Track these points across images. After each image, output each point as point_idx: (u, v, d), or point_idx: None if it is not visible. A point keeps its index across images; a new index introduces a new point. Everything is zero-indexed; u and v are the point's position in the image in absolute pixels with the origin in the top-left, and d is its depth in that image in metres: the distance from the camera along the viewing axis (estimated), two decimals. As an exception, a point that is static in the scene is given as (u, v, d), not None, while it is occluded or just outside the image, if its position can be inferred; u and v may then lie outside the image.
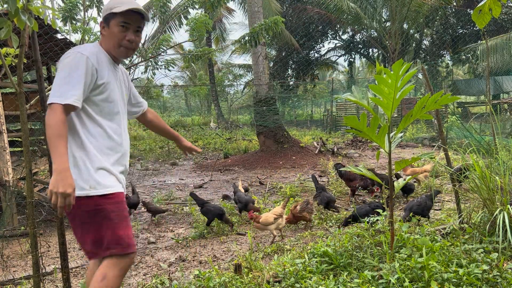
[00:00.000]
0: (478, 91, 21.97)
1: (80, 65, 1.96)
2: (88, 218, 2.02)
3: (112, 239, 2.01)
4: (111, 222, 2.02)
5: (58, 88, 1.91)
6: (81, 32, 9.63)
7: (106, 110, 2.11)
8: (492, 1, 2.49)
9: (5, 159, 4.93)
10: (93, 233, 2.02)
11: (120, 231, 2.04)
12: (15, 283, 3.55)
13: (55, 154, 1.82)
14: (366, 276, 2.61)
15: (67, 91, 1.90)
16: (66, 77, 1.93)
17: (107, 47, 2.16)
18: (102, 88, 2.07)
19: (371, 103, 2.95)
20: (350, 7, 17.14)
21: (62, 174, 1.81)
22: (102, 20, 2.16)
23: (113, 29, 2.12)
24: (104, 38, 2.17)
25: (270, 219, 4.26)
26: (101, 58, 2.09)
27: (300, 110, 28.74)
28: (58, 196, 1.79)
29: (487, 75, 6.06)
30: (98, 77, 2.04)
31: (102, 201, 2.02)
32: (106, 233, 2.01)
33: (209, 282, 2.92)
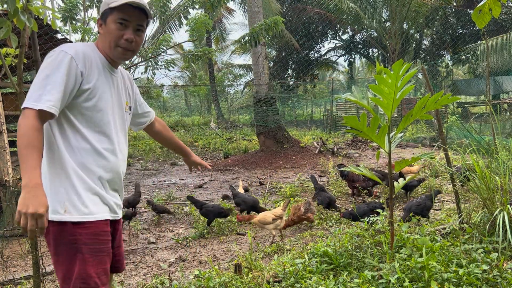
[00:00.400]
0: (478, 91, 21.97)
1: (61, 66, 1.66)
2: (59, 248, 1.72)
3: (79, 277, 1.71)
4: (83, 257, 1.72)
5: (34, 92, 1.63)
6: (81, 32, 9.63)
7: (94, 121, 1.78)
8: (492, 1, 2.49)
9: (5, 159, 4.93)
10: (63, 266, 1.73)
11: (91, 269, 1.73)
12: (15, 283, 3.55)
13: (25, 168, 1.52)
14: (366, 276, 2.62)
15: (42, 95, 1.61)
16: (44, 79, 1.64)
17: (103, 48, 1.85)
18: (89, 94, 1.76)
19: (371, 103, 2.95)
20: (350, 7, 17.14)
21: (32, 191, 1.50)
22: (100, 17, 1.87)
23: (110, 26, 1.81)
24: (100, 37, 1.87)
25: (268, 219, 4.27)
26: (91, 59, 1.79)
27: (300, 110, 28.75)
28: (28, 217, 1.48)
29: (487, 75, 6.06)
30: (84, 80, 1.73)
31: (77, 230, 1.71)
32: (75, 268, 1.71)
33: (209, 282, 2.92)
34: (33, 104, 1.60)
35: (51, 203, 1.68)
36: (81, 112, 1.76)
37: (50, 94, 1.63)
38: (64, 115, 1.75)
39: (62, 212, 1.70)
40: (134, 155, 12.88)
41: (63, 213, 1.70)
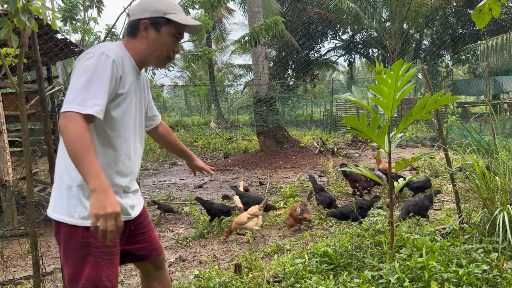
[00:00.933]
0: (478, 91, 21.97)
1: (105, 70, 1.63)
2: (70, 249, 1.73)
3: (89, 279, 1.71)
4: (94, 260, 1.72)
5: (77, 95, 1.57)
6: (81, 32, 9.63)
7: (120, 125, 1.77)
8: (492, 1, 2.49)
9: (5, 159, 4.94)
10: (71, 268, 1.74)
11: (102, 272, 1.73)
12: (15, 283, 3.55)
13: (87, 171, 1.50)
14: (366, 276, 2.62)
15: (87, 99, 1.56)
16: (87, 82, 1.59)
17: (145, 54, 1.83)
18: (121, 99, 1.75)
19: (371, 103, 2.95)
20: (350, 7, 17.15)
21: (105, 193, 1.49)
22: (148, 21, 1.79)
23: (164, 37, 1.81)
24: (144, 42, 1.82)
25: (243, 219, 4.33)
26: (126, 62, 1.76)
27: (300, 110, 28.75)
28: (107, 218, 1.48)
29: (487, 75, 6.06)
30: (120, 85, 1.73)
31: (89, 234, 1.69)
32: (85, 271, 1.71)
33: (209, 282, 2.92)
34: (78, 108, 1.55)
35: (66, 207, 1.70)
36: (109, 116, 1.73)
37: (97, 98, 1.59)
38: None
39: (76, 216, 1.70)
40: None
41: (77, 217, 1.70)
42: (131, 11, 1.86)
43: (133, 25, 1.83)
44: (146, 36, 1.81)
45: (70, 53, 7.24)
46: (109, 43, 1.78)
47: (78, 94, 1.57)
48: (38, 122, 8.14)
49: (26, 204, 2.64)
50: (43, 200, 5.33)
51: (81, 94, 1.57)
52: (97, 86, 1.60)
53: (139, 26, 1.80)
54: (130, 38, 1.85)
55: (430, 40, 24.46)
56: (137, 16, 1.82)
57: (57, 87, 7.94)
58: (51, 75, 7.75)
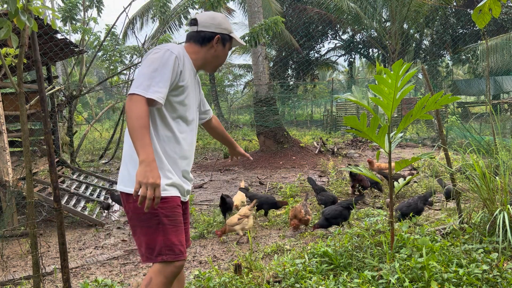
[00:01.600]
0: (478, 91, 21.97)
1: (169, 63, 1.91)
2: (142, 221, 1.96)
3: (165, 245, 1.93)
4: (164, 227, 1.94)
5: (143, 81, 1.85)
6: (81, 32, 9.64)
7: (179, 114, 2.04)
8: (492, 1, 2.49)
9: (5, 159, 4.93)
10: (147, 237, 1.96)
11: (173, 237, 1.96)
12: (15, 283, 3.55)
13: (141, 145, 1.77)
14: (366, 276, 2.62)
15: (152, 85, 1.85)
16: (153, 71, 1.88)
17: (208, 62, 2.15)
18: (182, 90, 2.02)
19: (371, 103, 2.95)
20: (350, 7, 17.14)
21: (150, 165, 1.75)
22: (219, 36, 2.11)
23: (226, 51, 2.17)
24: (211, 53, 2.13)
25: (234, 220, 4.31)
26: (186, 60, 2.04)
27: (300, 110, 28.73)
28: (148, 187, 1.72)
29: (487, 75, 6.06)
30: (181, 78, 1.99)
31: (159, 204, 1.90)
32: (158, 238, 1.93)
33: (209, 282, 2.92)
34: (143, 92, 1.83)
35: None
36: (171, 104, 2.01)
37: (159, 86, 1.87)
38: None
39: None
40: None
41: None
42: (203, 22, 2.12)
43: (205, 36, 2.11)
44: (215, 47, 2.13)
45: (70, 53, 7.24)
46: (174, 44, 2.07)
47: (144, 80, 1.86)
48: (38, 122, 8.15)
49: (26, 204, 2.64)
50: (43, 200, 5.33)
51: (146, 81, 1.85)
52: (160, 77, 1.88)
53: (213, 39, 2.11)
54: (195, 45, 2.13)
55: (430, 40, 24.46)
56: (210, 29, 2.11)
57: (57, 87, 7.94)
58: (51, 75, 7.75)
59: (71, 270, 3.83)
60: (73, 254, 4.35)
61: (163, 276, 1.94)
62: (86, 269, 3.88)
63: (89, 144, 14.93)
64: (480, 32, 19.36)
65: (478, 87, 21.38)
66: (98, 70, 34.91)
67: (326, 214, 4.31)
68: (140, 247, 2.00)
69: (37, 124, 8.98)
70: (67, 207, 5.44)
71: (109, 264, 4.01)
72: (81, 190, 6.77)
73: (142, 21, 20.19)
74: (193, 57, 2.11)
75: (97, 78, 34.49)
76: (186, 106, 2.07)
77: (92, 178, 7.96)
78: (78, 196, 6.31)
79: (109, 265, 3.97)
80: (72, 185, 6.96)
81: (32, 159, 5.06)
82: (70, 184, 7.05)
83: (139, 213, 1.95)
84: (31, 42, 2.56)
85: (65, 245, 2.67)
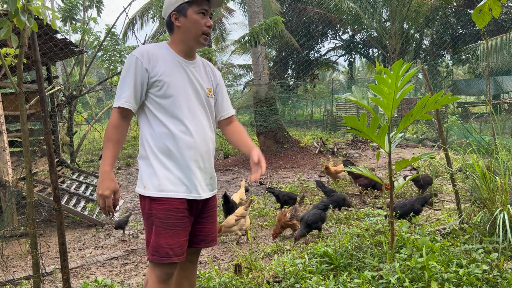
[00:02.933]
0: (478, 91, 21.96)
1: (130, 67, 1.98)
2: (144, 218, 2.07)
3: (152, 246, 1.98)
4: (156, 229, 1.98)
5: (117, 92, 2.01)
6: (81, 32, 9.64)
7: (168, 107, 2.00)
8: (492, 1, 2.49)
9: (5, 159, 4.93)
10: (146, 234, 2.07)
11: (161, 240, 1.96)
12: (15, 284, 3.55)
13: (102, 157, 1.96)
14: (366, 276, 2.62)
15: (120, 94, 1.98)
16: (121, 80, 2.00)
17: (184, 39, 2.05)
18: (158, 84, 1.99)
19: (371, 103, 2.95)
20: (350, 7, 17.13)
21: (102, 176, 1.92)
22: (174, 11, 2.03)
23: (192, 18, 2.01)
24: (179, 30, 2.05)
25: (231, 221, 4.27)
26: (156, 55, 2.01)
27: (300, 110, 28.71)
28: (99, 198, 1.92)
29: (487, 75, 6.05)
30: (151, 74, 1.98)
31: (153, 205, 1.98)
32: (151, 238, 2.00)
33: (209, 282, 2.92)
34: (115, 103, 1.98)
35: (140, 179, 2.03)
36: (155, 100, 2.02)
37: (124, 91, 1.97)
38: (145, 107, 2.03)
39: (143, 188, 2.01)
40: (134, 155, 12.87)
41: (143, 189, 2.00)
42: (163, 13, 2.12)
43: (167, 23, 2.10)
44: (178, 25, 2.05)
45: (70, 53, 7.24)
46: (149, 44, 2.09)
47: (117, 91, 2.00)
48: (38, 122, 8.14)
49: (26, 204, 2.64)
50: (43, 200, 5.33)
51: (118, 92, 2.00)
52: (125, 82, 1.98)
53: (171, 20, 2.06)
54: (171, 35, 2.11)
55: (430, 40, 24.44)
56: (167, 13, 2.07)
57: (57, 87, 7.93)
58: (51, 75, 7.75)
59: (71, 270, 3.83)
60: (73, 254, 4.35)
61: (155, 275, 2.00)
62: (86, 269, 3.87)
63: (89, 144, 14.93)
64: (480, 32, 19.35)
65: (478, 87, 21.38)
66: (98, 70, 34.91)
67: (306, 219, 4.08)
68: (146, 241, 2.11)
69: (37, 124, 8.98)
70: (67, 207, 5.43)
71: (109, 264, 4.01)
72: (81, 190, 6.76)
73: (142, 21, 20.18)
74: (173, 47, 2.08)
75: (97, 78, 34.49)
76: (172, 97, 2.00)
77: (92, 178, 7.96)
78: (78, 196, 6.30)
79: (109, 265, 3.97)
80: (72, 185, 6.96)
81: (32, 159, 5.05)
82: (70, 184, 7.05)
83: (143, 212, 2.07)
84: (31, 42, 2.56)
85: (65, 245, 2.67)
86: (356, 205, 5.49)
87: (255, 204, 5.91)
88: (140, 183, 2.04)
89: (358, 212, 5.10)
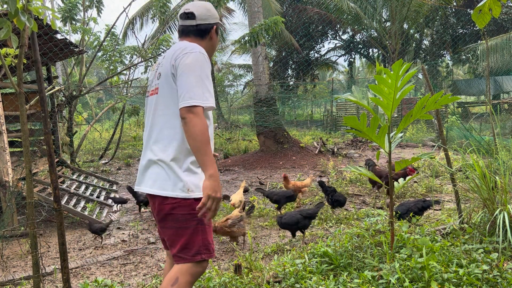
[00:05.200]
0: (478, 91, 21.97)
1: (204, 65, 1.94)
2: (182, 221, 1.98)
3: (203, 245, 1.99)
4: (203, 227, 1.99)
5: (195, 90, 1.87)
6: (80, 33, 9.63)
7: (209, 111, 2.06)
8: (492, 1, 2.49)
9: (5, 160, 4.93)
10: (185, 237, 1.98)
11: (210, 237, 2.03)
12: (15, 284, 3.55)
13: (208, 160, 1.85)
14: (366, 276, 2.61)
15: (204, 93, 1.88)
16: (198, 78, 1.89)
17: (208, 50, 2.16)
18: None
19: (371, 103, 2.95)
20: (350, 7, 17.13)
21: (218, 180, 1.85)
22: (216, 26, 2.18)
23: (217, 38, 2.22)
24: (210, 42, 2.18)
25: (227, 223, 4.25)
26: None
27: (300, 110, 28.72)
28: (215, 201, 1.84)
29: (487, 75, 6.05)
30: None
31: (196, 205, 1.94)
32: (197, 238, 1.98)
33: (209, 282, 2.92)
34: (201, 102, 1.86)
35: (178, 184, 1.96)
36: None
37: (210, 92, 1.92)
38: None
39: (186, 191, 1.96)
40: (134, 155, 12.87)
41: (187, 192, 1.96)
42: (201, 15, 2.12)
43: (205, 29, 2.14)
44: (213, 37, 2.18)
45: (70, 53, 7.24)
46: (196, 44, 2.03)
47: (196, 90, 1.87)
48: (38, 122, 8.14)
49: (26, 204, 2.64)
50: (43, 200, 5.33)
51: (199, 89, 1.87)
52: (206, 80, 1.92)
53: (211, 30, 2.16)
54: (196, 38, 2.13)
55: (430, 40, 24.44)
56: (208, 21, 2.14)
57: (57, 87, 7.94)
58: (51, 75, 7.75)
59: (71, 270, 3.83)
60: (73, 254, 4.35)
61: (191, 275, 1.97)
62: (86, 269, 3.87)
63: (89, 144, 14.93)
64: (480, 32, 19.35)
65: (478, 87, 21.39)
66: (98, 70, 34.91)
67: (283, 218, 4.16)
68: (173, 248, 2.01)
69: (37, 124, 8.98)
70: (67, 207, 5.43)
71: (109, 264, 4.01)
72: (81, 190, 6.77)
73: (142, 21, 20.19)
74: None
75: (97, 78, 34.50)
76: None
77: (92, 178, 7.96)
78: (78, 196, 6.30)
79: (109, 265, 3.97)
80: (72, 185, 6.96)
81: (32, 159, 5.05)
82: (70, 184, 7.05)
83: (175, 214, 1.98)
84: (31, 43, 2.56)
85: (65, 245, 2.67)
86: (356, 205, 5.49)
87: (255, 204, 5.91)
88: (173, 187, 1.96)
89: (358, 212, 5.10)
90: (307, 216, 4.17)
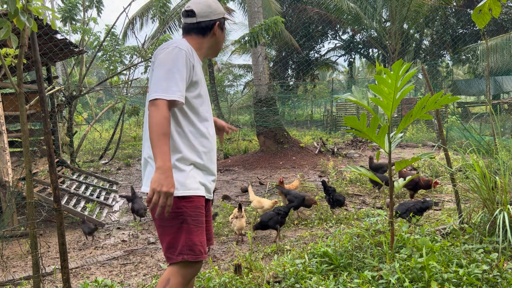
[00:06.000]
0: (478, 91, 21.97)
1: (178, 60, 1.89)
2: (167, 220, 1.94)
3: (186, 245, 1.92)
4: (188, 227, 1.93)
5: (161, 83, 1.83)
6: (80, 33, 9.64)
7: (198, 108, 2.02)
8: (492, 1, 2.49)
9: (5, 160, 4.93)
10: (169, 236, 1.95)
11: (195, 237, 1.95)
12: (15, 284, 3.55)
13: (159, 153, 1.77)
14: (366, 276, 2.61)
15: (170, 86, 1.83)
16: (167, 72, 1.85)
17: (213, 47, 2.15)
18: (196, 85, 2.00)
19: (371, 103, 2.95)
20: (350, 7, 17.14)
21: (166, 173, 1.75)
22: (219, 22, 2.12)
23: (223, 34, 2.17)
24: (213, 39, 2.13)
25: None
26: (194, 54, 2.03)
27: (300, 110, 28.72)
28: (161, 195, 1.74)
29: (487, 75, 6.05)
30: (193, 73, 1.97)
31: (182, 203, 1.92)
32: (181, 237, 1.92)
33: (209, 282, 2.92)
34: (164, 95, 1.82)
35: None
36: (189, 100, 1.97)
37: (177, 85, 1.85)
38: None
39: None
40: (134, 155, 12.87)
41: None
42: (201, 13, 2.08)
43: (206, 26, 2.09)
44: (217, 34, 2.13)
45: (70, 53, 7.24)
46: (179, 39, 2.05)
47: (161, 83, 1.84)
48: (38, 122, 8.14)
49: (26, 204, 2.64)
50: (43, 200, 5.33)
51: (164, 83, 1.83)
52: (176, 75, 1.86)
53: (214, 27, 2.10)
54: (197, 36, 2.10)
55: (430, 40, 24.44)
56: (209, 17, 2.09)
57: (57, 87, 7.93)
58: (51, 75, 7.75)
59: (71, 270, 3.83)
60: (73, 254, 4.35)
61: (181, 277, 1.93)
62: (86, 270, 3.87)
63: (89, 145, 14.93)
64: (480, 32, 19.35)
65: (478, 87, 21.39)
66: (98, 70, 34.90)
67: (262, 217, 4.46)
68: (163, 247, 1.99)
69: (37, 124, 8.98)
70: (67, 207, 5.43)
71: (109, 264, 4.01)
72: (81, 191, 6.77)
73: (142, 21, 20.17)
74: (196, 48, 2.09)
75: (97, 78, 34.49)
76: (201, 98, 2.04)
77: (92, 178, 7.96)
78: (78, 196, 6.31)
79: (109, 266, 3.97)
80: (72, 185, 6.96)
81: (32, 159, 5.05)
82: (70, 184, 7.05)
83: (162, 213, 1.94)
84: (31, 43, 2.56)
85: (65, 245, 2.67)
86: (356, 205, 5.49)
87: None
88: None
89: (358, 212, 5.10)
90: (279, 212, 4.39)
